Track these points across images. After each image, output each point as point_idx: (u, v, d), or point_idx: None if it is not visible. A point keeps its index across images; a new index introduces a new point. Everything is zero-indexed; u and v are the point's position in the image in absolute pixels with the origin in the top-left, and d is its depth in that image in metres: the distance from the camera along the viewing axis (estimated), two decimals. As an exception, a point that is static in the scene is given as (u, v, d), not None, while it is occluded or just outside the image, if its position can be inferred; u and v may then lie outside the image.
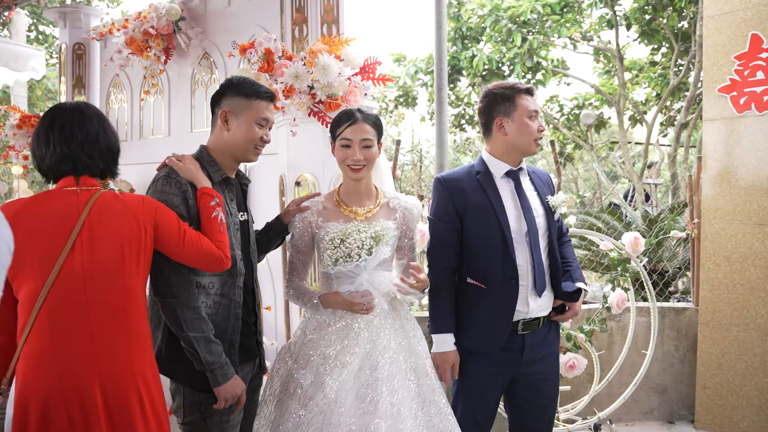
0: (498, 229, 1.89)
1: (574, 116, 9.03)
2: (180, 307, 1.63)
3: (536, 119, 1.93)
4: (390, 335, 1.88)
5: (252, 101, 1.78)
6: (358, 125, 1.88)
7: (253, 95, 1.79)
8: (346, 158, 1.87)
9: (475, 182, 1.96)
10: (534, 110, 1.93)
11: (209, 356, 1.65)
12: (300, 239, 1.94)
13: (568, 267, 2.10)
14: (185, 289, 1.65)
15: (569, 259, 2.12)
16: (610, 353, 3.30)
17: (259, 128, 1.80)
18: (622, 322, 3.34)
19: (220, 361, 1.67)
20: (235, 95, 1.79)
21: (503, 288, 1.91)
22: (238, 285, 1.78)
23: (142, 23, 3.29)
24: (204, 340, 1.65)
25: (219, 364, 1.66)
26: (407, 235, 1.99)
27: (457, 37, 8.23)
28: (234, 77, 1.85)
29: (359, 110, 1.93)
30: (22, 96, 5.96)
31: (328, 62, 2.33)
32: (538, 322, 1.97)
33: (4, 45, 4.30)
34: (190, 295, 1.65)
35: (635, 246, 2.85)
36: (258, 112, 1.79)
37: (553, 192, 2.08)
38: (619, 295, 2.82)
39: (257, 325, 1.91)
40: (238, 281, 1.78)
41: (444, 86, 2.91)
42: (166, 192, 1.68)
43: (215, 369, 1.65)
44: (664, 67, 7.73)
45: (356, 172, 1.87)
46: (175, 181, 1.69)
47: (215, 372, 1.65)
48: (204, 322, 1.66)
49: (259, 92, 1.80)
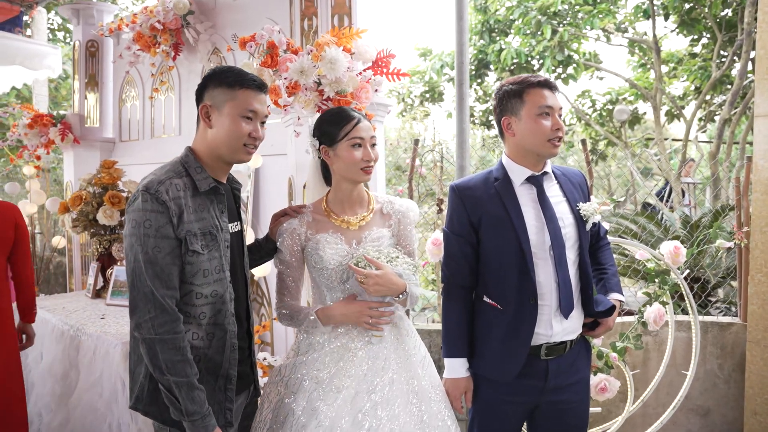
0: (515, 242, 1.67)
1: (607, 112, 8.64)
2: (160, 346, 1.41)
3: (551, 116, 1.67)
4: (390, 353, 1.70)
5: (236, 91, 1.53)
6: (365, 123, 1.71)
7: (237, 84, 1.53)
8: (359, 159, 1.68)
9: (492, 190, 1.74)
10: (546, 106, 1.66)
11: (191, 405, 1.43)
12: (290, 254, 1.75)
13: (603, 274, 1.86)
14: (168, 325, 1.42)
15: (605, 265, 1.88)
16: (646, 370, 3.03)
17: (246, 122, 1.53)
18: (660, 336, 3.07)
19: (203, 412, 1.44)
20: (217, 86, 1.54)
21: (521, 310, 1.69)
22: (230, 311, 1.57)
23: (149, 18, 3.16)
24: (187, 386, 1.42)
25: (201, 415, 1.44)
26: (403, 242, 1.80)
27: (484, 30, 7.96)
28: (217, 67, 1.62)
29: (352, 109, 1.76)
30: (43, 95, 5.96)
31: (336, 56, 2.13)
32: (564, 346, 1.74)
33: (19, 43, 4.23)
34: (175, 334, 1.42)
35: (676, 257, 2.57)
36: (243, 103, 1.53)
37: (587, 195, 1.84)
38: (656, 310, 2.55)
39: (252, 347, 1.73)
40: (229, 307, 1.57)
41: (465, 81, 2.69)
42: (148, 210, 1.42)
43: (196, 420, 1.43)
44: (704, 59, 7.28)
45: (369, 173, 1.70)
46: (153, 196, 1.43)
47: (196, 424, 1.43)
48: (189, 365, 1.43)
49: (244, 80, 1.54)
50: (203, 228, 1.49)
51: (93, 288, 3.36)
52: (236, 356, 1.57)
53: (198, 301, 1.50)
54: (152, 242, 1.42)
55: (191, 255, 1.46)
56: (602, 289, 1.83)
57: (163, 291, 1.42)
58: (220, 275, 1.53)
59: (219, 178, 1.60)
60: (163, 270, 1.42)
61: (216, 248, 1.52)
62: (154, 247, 1.42)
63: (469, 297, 1.80)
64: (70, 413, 2.61)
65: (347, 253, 1.71)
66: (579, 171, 1.90)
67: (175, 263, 1.45)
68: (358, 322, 1.67)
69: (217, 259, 1.52)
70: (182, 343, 1.43)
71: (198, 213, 1.49)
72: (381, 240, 1.74)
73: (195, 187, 1.51)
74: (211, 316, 1.53)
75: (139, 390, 1.53)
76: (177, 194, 1.46)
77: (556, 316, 1.70)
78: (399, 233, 1.79)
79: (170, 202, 1.44)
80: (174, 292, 1.45)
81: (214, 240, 1.51)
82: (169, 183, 1.46)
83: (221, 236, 1.54)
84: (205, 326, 1.51)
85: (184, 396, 1.42)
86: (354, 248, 1.71)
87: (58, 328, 2.94)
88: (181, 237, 1.45)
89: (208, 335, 1.52)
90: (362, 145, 1.69)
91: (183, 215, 1.45)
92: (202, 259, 1.48)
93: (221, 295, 1.53)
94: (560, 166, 1.86)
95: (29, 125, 3.80)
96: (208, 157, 1.58)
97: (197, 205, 1.50)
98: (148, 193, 1.43)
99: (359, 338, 1.70)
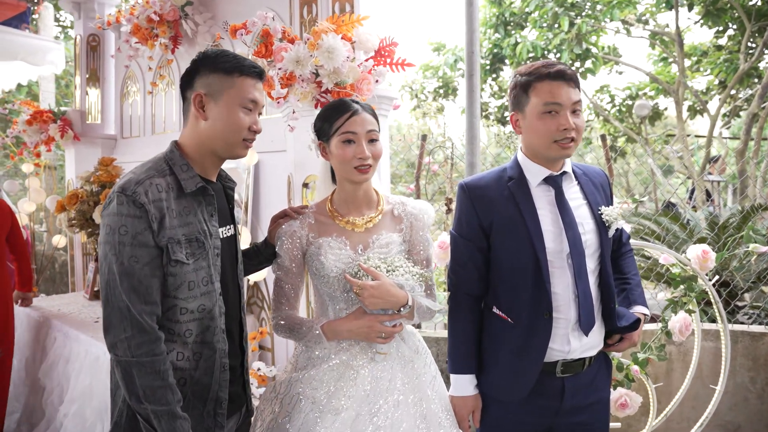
0: (530, 250, 1.50)
1: (626, 107, 8.37)
2: (138, 369, 1.23)
3: (560, 114, 1.46)
4: (396, 372, 1.54)
5: (235, 78, 1.36)
6: (361, 116, 1.53)
7: (236, 71, 1.36)
8: (351, 157, 1.51)
9: (505, 190, 1.56)
10: (553, 103, 1.46)
11: None
12: (289, 260, 1.60)
13: (626, 285, 1.68)
14: (146, 346, 1.24)
15: (628, 274, 1.70)
16: (669, 382, 2.83)
17: (246, 113, 1.38)
18: (685, 346, 2.86)
19: None
20: (211, 72, 1.36)
21: (534, 325, 1.52)
22: (220, 327, 1.39)
23: (146, 9, 3.03)
24: (167, 416, 1.25)
25: None
26: (417, 248, 1.63)
27: (499, 23, 7.74)
28: (209, 50, 1.43)
29: (353, 101, 1.58)
30: (49, 91, 5.90)
31: (334, 44, 1.98)
32: (582, 363, 1.57)
33: (21, 39, 4.15)
34: (154, 356, 1.25)
35: (704, 261, 2.36)
36: (243, 91, 1.36)
37: (610, 197, 1.65)
38: (682, 319, 2.35)
39: (245, 364, 1.57)
40: (219, 323, 1.39)
41: (476, 72, 2.52)
42: (124, 215, 1.25)
43: None
44: (730, 51, 6.98)
45: (364, 173, 1.52)
46: (130, 198, 1.26)
47: None
48: (170, 391, 1.26)
49: (243, 66, 1.37)
50: (189, 234, 1.32)
51: (90, 289, 3.26)
52: (227, 377, 1.40)
53: (183, 317, 1.32)
54: (128, 251, 1.24)
55: (174, 265, 1.29)
56: (624, 300, 1.65)
57: (141, 307, 1.25)
58: (208, 287, 1.35)
59: (208, 176, 1.43)
60: (141, 282, 1.25)
61: (204, 257, 1.34)
62: (131, 256, 1.24)
63: (478, 307, 1.64)
64: (60, 421, 2.50)
65: (351, 259, 1.54)
66: (601, 170, 1.72)
67: (156, 275, 1.27)
68: (368, 339, 1.51)
69: (205, 269, 1.35)
70: (162, 366, 1.26)
71: (183, 217, 1.32)
72: (390, 246, 1.56)
73: (180, 187, 1.34)
74: (198, 334, 1.35)
75: (117, 415, 1.36)
76: (158, 196, 1.28)
77: (573, 331, 1.52)
78: (411, 238, 1.63)
79: (149, 205, 1.26)
80: (154, 308, 1.27)
81: (202, 248, 1.34)
82: (149, 183, 1.28)
83: (210, 243, 1.36)
84: (191, 345, 1.34)
85: (164, 427, 1.25)
86: (359, 254, 1.55)
87: (51, 334, 2.84)
88: (163, 245, 1.27)
89: (195, 355, 1.35)
90: (355, 141, 1.52)
91: (165, 220, 1.28)
92: (187, 269, 1.31)
93: (209, 310, 1.36)
94: (581, 165, 1.68)
95: (28, 121, 3.71)
96: (198, 152, 1.40)
97: (182, 208, 1.32)
98: (124, 195, 1.26)
99: (362, 355, 1.54)
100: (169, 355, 1.30)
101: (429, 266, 1.64)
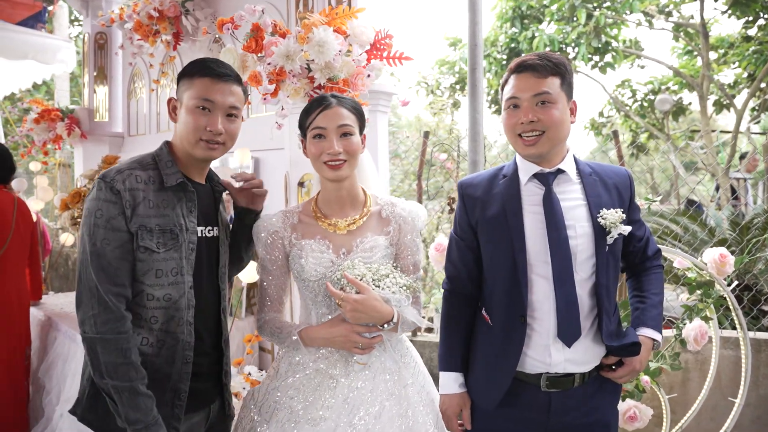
0: (508, 249, 1.42)
1: (648, 102, 8.11)
2: (102, 346, 1.30)
3: (521, 107, 1.40)
4: (378, 382, 1.46)
5: (194, 80, 1.43)
6: (333, 110, 1.47)
7: (197, 73, 1.43)
8: (321, 153, 1.46)
9: (496, 188, 1.50)
10: (512, 97, 1.41)
11: (133, 412, 1.30)
12: (270, 260, 1.54)
13: (641, 303, 1.52)
14: (111, 324, 1.31)
15: (646, 292, 1.53)
16: (685, 392, 2.69)
17: (201, 113, 1.42)
18: (702, 354, 2.72)
19: (147, 420, 1.31)
20: (181, 77, 1.46)
21: (509, 328, 1.44)
22: (187, 320, 1.42)
23: (146, 6, 2.99)
24: (129, 392, 1.30)
25: (145, 424, 1.30)
26: (404, 252, 1.55)
27: (515, 16, 7.58)
28: (196, 59, 1.49)
29: (333, 95, 1.52)
30: (64, 90, 5.97)
31: (325, 38, 1.89)
32: (572, 379, 1.44)
33: (31, 37, 4.17)
34: (118, 334, 1.31)
35: (721, 266, 2.21)
36: (199, 92, 1.42)
37: (627, 200, 1.49)
38: (698, 326, 2.21)
39: (223, 366, 1.55)
40: (186, 315, 1.42)
41: (478, 65, 2.41)
42: (101, 200, 1.34)
43: (139, 430, 1.30)
44: (760, 42, 6.68)
45: (335, 169, 1.46)
46: (108, 185, 1.34)
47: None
48: (132, 368, 1.32)
49: (205, 69, 1.43)
50: (163, 225, 1.39)
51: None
52: (188, 370, 1.42)
53: (149, 303, 1.39)
54: (101, 233, 1.33)
55: (143, 252, 1.36)
56: (635, 321, 1.50)
57: (108, 287, 1.32)
58: (177, 278, 1.40)
59: (194, 177, 1.50)
60: (110, 264, 1.33)
61: (176, 249, 1.40)
62: (103, 238, 1.33)
63: (469, 306, 1.57)
64: (56, 422, 2.49)
65: (333, 263, 1.48)
66: (624, 170, 1.55)
67: (126, 258, 1.35)
68: (345, 348, 1.45)
69: (176, 260, 1.40)
70: (126, 345, 1.32)
71: (160, 209, 1.39)
72: (374, 251, 1.50)
73: (162, 181, 1.41)
74: (164, 322, 1.40)
75: (80, 392, 1.43)
76: (135, 185, 1.36)
77: (555, 342, 1.41)
78: (399, 242, 1.55)
79: (126, 192, 1.35)
80: (122, 289, 1.34)
81: (175, 239, 1.40)
82: (129, 173, 1.37)
83: (184, 237, 1.42)
84: (156, 332, 1.39)
85: (125, 402, 1.31)
86: (341, 258, 1.49)
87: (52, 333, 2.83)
88: (133, 231, 1.35)
89: (159, 342, 1.40)
90: (325, 136, 1.46)
91: (138, 207, 1.36)
92: (157, 257, 1.38)
93: (176, 301, 1.40)
94: (597, 163, 1.55)
95: (36, 120, 3.73)
96: (181, 153, 1.48)
97: (160, 201, 1.40)
98: (103, 181, 1.35)
99: (342, 363, 1.48)
100: (136, 339, 1.36)
101: (416, 272, 1.56)
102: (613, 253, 1.43)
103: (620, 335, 1.44)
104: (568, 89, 1.42)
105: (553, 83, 1.39)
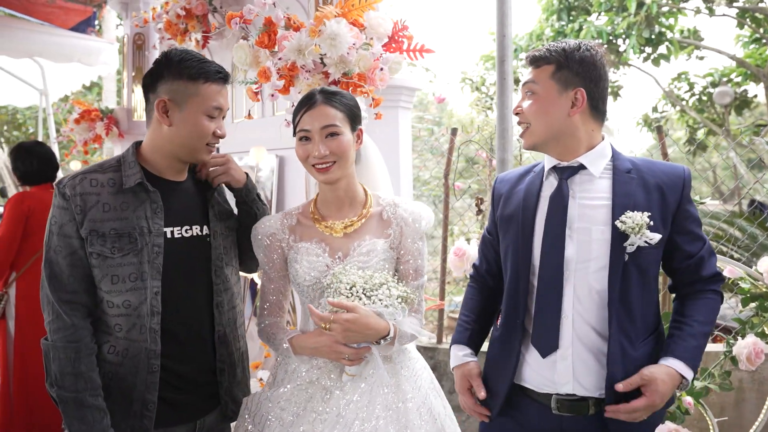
0: (515, 248, 1.37)
1: (707, 96, 7.59)
2: (53, 353, 1.30)
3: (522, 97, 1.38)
4: (375, 396, 1.36)
5: (199, 85, 1.37)
6: (317, 109, 1.38)
7: (201, 77, 1.37)
8: (307, 156, 1.40)
9: (522, 184, 1.43)
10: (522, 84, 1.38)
11: (78, 424, 1.28)
12: (269, 263, 1.49)
13: (677, 330, 1.32)
14: (61, 332, 1.30)
15: (687, 318, 1.32)
16: (739, 414, 2.44)
17: (209, 120, 1.40)
18: (761, 373, 2.46)
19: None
20: (176, 78, 1.37)
21: (508, 333, 1.38)
22: (151, 327, 1.36)
23: (175, 5, 3.01)
24: (74, 402, 1.28)
25: None
26: (405, 257, 1.44)
27: (562, 8, 7.28)
28: (173, 51, 1.41)
29: (322, 90, 1.43)
30: (111, 90, 6.19)
31: (338, 30, 1.81)
32: (586, 405, 1.28)
33: (76, 41, 4.34)
34: (67, 342, 1.29)
35: (781, 276, 1.98)
36: (208, 99, 1.38)
37: (673, 203, 1.28)
38: (751, 344, 1.97)
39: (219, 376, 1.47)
40: (149, 322, 1.35)
41: (507, 58, 2.26)
42: (56, 206, 1.34)
43: None
44: (834, 29, 6.11)
45: (324, 172, 1.38)
46: (60, 191, 1.33)
47: None
48: (82, 379, 1.29)
49: (209, 73, 1.38)
50: (120, 229, 1.34)
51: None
52: (155, 379, 1.36)
53: (111, 311, 1.36)
54: (55, 241, 1.34)
55: (96, 258, 1.33)
56: (666, 349, 1.31)
57: (59, 294, 1.32)
58: (136, 284, 1.35)
59: (166, 176, 1.45)
60: (62, 272, 1.33)
61: (135, 253, 1.35)
62: (56, 246, 1.34)
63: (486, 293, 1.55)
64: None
65: (327, 267, 1.40)
66: (680, 169, 1.32)
67: (77, 265, 1.33)
68: (331, 358, 1.36)
69: (135, 265, 1.35)
70: (74, 354, 1.30)
71: (118, 212, 1.35)
72: (371, 255, 1.40)
73: (119, 184, 1.37)
74: (128, 330, 1.36)
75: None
76: (88, 190, 1.34)
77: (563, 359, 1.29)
78: (400, 246, 1.45)
79: (76, 197, 1.32)
80: (73, 297, 1.33)
81: (133, 243, 1.35)
82: (82, 178, 1.35)
83: (146, 240, 1.36)
84: (121, 340, 1.37)
85: (69, 413, 1.29)
86: (337, 262, 1.41)
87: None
88: (84, 236, 1.33)
89: (123, 351, 1.36)
90: (310, 138, 1.39)
91: (90, 212, 1.33)
92: (111, 263, 1.34)
93: (136, 307, 1.35)
94: (647, 160, 1.37)
95: (76, 120, 3.85)
96: (160, 154, 1.42)
97: (119, 203, 1.36)
98: (57, 188, 1.35)
99: (336, 373, 1.40)
100: (103, 348, 1.35)
101: (418, 278, 1.45)
102: (638, 265, 1.25)
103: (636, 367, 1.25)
104: None
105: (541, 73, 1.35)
